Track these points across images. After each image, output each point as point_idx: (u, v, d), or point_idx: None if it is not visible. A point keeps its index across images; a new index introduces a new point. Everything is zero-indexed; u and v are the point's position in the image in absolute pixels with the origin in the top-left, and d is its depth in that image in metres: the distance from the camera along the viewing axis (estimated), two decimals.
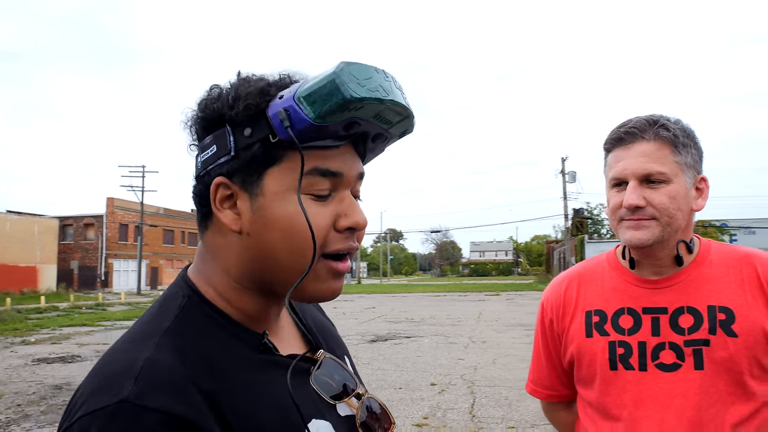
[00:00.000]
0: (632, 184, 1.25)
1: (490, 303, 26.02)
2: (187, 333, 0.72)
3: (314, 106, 0.68)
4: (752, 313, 1.23)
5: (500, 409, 6.54)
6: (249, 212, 0.73)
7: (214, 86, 0.77)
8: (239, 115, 0.72)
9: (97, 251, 47.79)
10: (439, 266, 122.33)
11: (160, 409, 0.62)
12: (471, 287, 46.11)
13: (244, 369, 0.73)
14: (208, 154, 0.75)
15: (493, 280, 75.77)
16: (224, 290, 0.77)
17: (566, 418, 1.54)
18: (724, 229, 40.93)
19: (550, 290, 1.51)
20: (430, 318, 18.56)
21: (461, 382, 8.05)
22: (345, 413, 0.82)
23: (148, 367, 0.65)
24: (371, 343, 12.41)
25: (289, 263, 0.73)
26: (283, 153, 0.72)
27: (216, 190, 0.74)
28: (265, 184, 0.72)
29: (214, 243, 0.78)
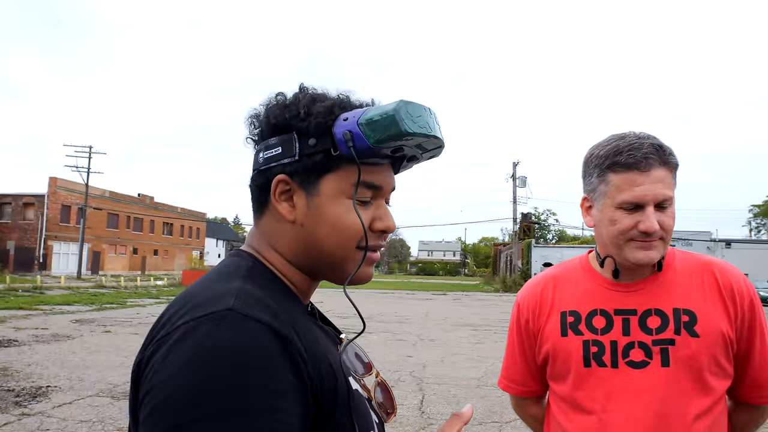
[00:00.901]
0: (651, 210, 1.32)
1: (437, 302, 26.35)
2: (260, 281, 0.85)
3: (375, 133, 0.84)
4: (712, 316, 1.35)
5: (449, 406, 6.67)
6: (304, 207, 0.89)
7: (280, 94, 0.93)
8: (308, 128, 0.87)
9: (37, 232, 46.02)
10: (388, 264, 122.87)
11: (262, 320, 0.74)
12: (418, 286, 46.54)
13: (307, 323, 0.85)
14: (272, 153, 0.90)
15: (441, 279, 76.67)
16: (278, 264, 0.92)
17: (536, 412, 1.64)
18: None
19: (525, 291, 1.60)
20: (379, 315, 18.66)
21: (410, 379, 8.18)
22: (363, 393, 0.93)
23: (245, 291, 0.79)
24: None
25: (332, 252, 0.89)
26: (339, 164, 0.88)
27: (277, 184, 0.89)
28: (321, 187, 0.88)
29: (269, 227, 0.93)
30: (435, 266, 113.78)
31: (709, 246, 46.32)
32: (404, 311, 20.50)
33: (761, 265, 40.74)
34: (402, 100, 0.86)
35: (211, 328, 0.72)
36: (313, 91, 0.92)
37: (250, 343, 0.71)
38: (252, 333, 0.72)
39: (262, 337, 0.73)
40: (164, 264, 64.43)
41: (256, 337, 0.72)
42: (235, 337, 0.71)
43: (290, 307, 0.84)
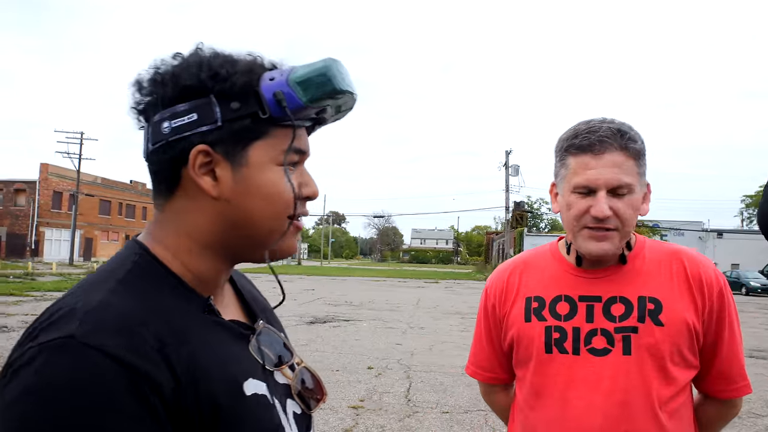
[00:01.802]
0: (602, 194, 1.29)
1: (428, 290, 26.43)
2: (139, 284, 0.77)
3: (307, 92, 0.78)
4: (678, 305, 1.34)
5: (435, 394, 6.71)
6: (230, 180, 0.80)
7: (177, 54, 0.82)
8: (230, 90, 0.78)
9: (28, 218, 45.78)
10: (380, 251, 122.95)
11: (107, 350, 0.65)
12: (410, 274, 46.58)
13: (191, 323, 0.77)
14: (184, 121, 0.78)
15: (433, 267, 76.76)
16: (181, 253, 0.82)
17: (503, 400, 1.62)
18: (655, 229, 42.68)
19: (494, 276, 1.59)
20: (369, 302, 18.73)
21: (398, 367, 8.21)
22: (282, 382, 0.89)
23: (100, 308, 0.70)
24: (310, 325, 12.45)
25: (266, 226, 0.82)
26: (268, 128, 0.81)
27: (196, 156, 0.78)
28: (250, 155, 0.80)
29: (181, 207, 0.82)
30: (428, 254, 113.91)
31: (701, 236, 46.58)
32: (395, 299, 20.55)
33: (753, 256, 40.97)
34: (330, 57, 0.81)
35: (47, 360, 0.64)
36: (220, 52, 0.82)
37: (87, 380, 0.63)
38: (92, 367, 0.64)
39: (104, 372, 0.64)
40: None
41: (96, 372, 0.64)
42: (71, 373, 0.63)
43: (174, 308, 0.77)
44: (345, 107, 0.88)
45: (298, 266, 58.66)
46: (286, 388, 0.89)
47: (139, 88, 0.82)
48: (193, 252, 0.83)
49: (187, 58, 0.81)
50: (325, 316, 14.29)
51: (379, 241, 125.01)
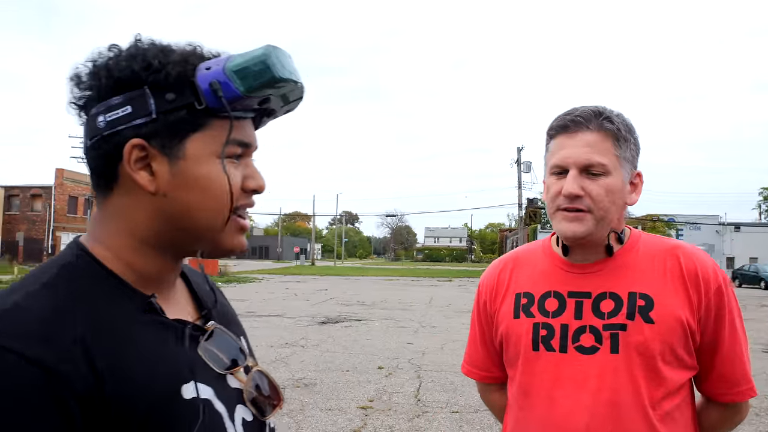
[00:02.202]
0: (573, 173, 1.27)
1: (442, 289, 26.36)
2: (65, 286, 0.74)
3: (245, 81, 0.75)
4: (671, 302, 1.27)
5: (445, 393, 6.66)
6: (167, 174, 0.77)
7: (113, 46, 0.80)
8: (165, 81, 0.76)
9: (45, 223, 46.26)
10: (394, 250, 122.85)
11: (15, 350, 0.63)
12: (424, 272, 46.51)
13: (125, 326, 0.74)
14: (118, 114, 0.76)
15: (447, 266, 76.63)
16: (123, 251, 0.80)
17: (499, 399, 1.56)
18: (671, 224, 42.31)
19: (486, 273, 1.56)
20: (382, 302, 18.69)
21: (408, 366, 8.16)
22: (234, 386, 0.85)
23: (14, 310, 0.68)
24: (321, 325, 12.45)
25: (205, 220, 0.79)
26: (205, 120, 0.78)
27: (131, 150, 0.76)
28: (187, 148, 0.77)
29: (120, 204, 0.80)
30: (441, 253, 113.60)
31: (717, 230, 46.03)
32: (408, 298, 20.50)
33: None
34: (269, 45, 0.78)
35: None
36: (158, 42, 0.80)
37: None
38: (4, 369, 0.62)
39: (14, 374, 0.62)
40: None
41: (7, 374, 0.62)
42: None
43: (105, 310, 0.74)
44: (292, 97, 0.84)
45: (311, 266, 58.85)
46: (237, 393, 0.85)
47: (78, 82, 0.79)
48: (134, 249, 0.80)
49: (123, 50, 0.79)
50: (337, 316, 14.28)
51: (392, 240, 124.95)
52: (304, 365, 8.09)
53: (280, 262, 76.10)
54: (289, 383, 6.99)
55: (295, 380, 7.16)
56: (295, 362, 8.28)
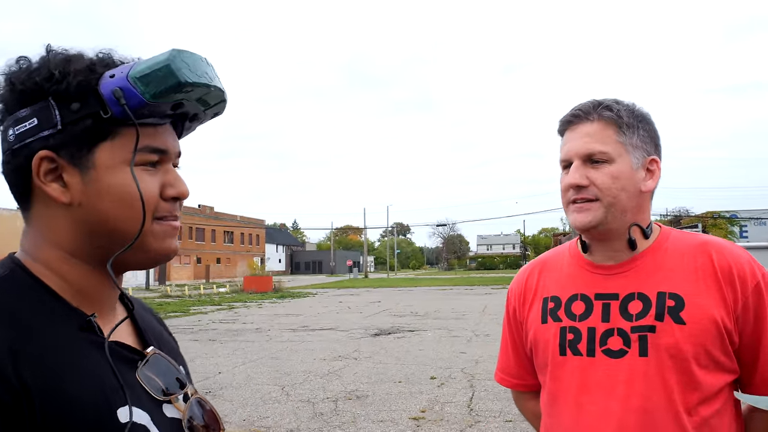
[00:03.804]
0: (575, 164, 1.27)
1: (496, 296, 26.00)
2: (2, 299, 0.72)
3: (149, 87, 0.74)
4: (703, 302, 1.21)
5: (499, 402, 6.55)
6: (80, 184, 0.76)
7: (22, 58, 0.79)
8: (66, 91, 0.75)
9: None
10: (447, 260, 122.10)
11: None
12: (478, 281, 46.08)
13: (60, 343, 0.73)
14: (25, 127, 0.75)
15: (501, 273, 75.67)
16: (55, 263, 0.78)
17: (533, 408, 1.51)
18: (733, 220, 40.61)
19: (515, 279, 1.53)
20: (435, 311, 18.58)
21: (461, 376, 8.07)
22: (172, 415, 0.83)
23: None
24: (374, 337, 12.46)
25: (122, 229, 0.77)
26: (113, 128, 0.76)
27: (40, 163, 0.75)
28: (96, 158, 0.76)
29: (40, 217, 0.79)
30: (495, 260, 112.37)
31: None
32: (461, 307, 20.31)
33: None
34: (174, 48, 0.76)
35: None
36: (64, 52, 0.79)
37: None
38: None
39: None
40: (227, 271, 66.13)
41: None
42: None
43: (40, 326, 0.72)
44: (212, 101, 0.83)
45: (364, 279, 59.08)
46: (175, 423, 0.83)
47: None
48: (64, 261, 0.79)
49: (30, 61, 0.78)
50: (390, 327, 14.27)
51: (444, 249, 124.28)
52: (357, 377, 8.10)
53: (333, 276, 76.71)
54: (341, 395, 7.02)
55: (347, 392, 7.18)
56: (347, 375, 8.31)
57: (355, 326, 14.57)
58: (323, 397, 6.95)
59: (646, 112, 1.32)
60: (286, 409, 6.41)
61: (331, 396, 7.02)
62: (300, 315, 18.13)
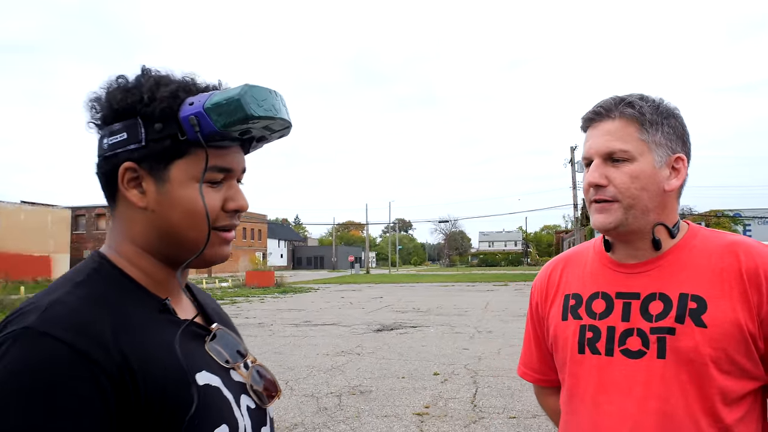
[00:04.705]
0: (595, 163, 1.25)
1: (498, 293, 26.02)
2: (96, 287, 0.86)
3: (221, 118, 0.85)
4: (726, 305, 1.18)
5: (502, 399, 6.56)
6: (155, 193, 0.89)
7: (121, 77, 0.91)
8: (152, 113, 0.87)
9: None
10: (448, 256, 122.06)
11: (58, 337, 0.74)
12: (480, 277, 46.02)
13: (144, 321, 0.86)
14: (117, 139, 0.88)
15: (503, 270, 75.65)
16: (133, 257, 0.92)
17: (554, 403, 1.51)
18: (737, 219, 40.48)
19: (539, 274, 1.53)
20: (437, 308, 18.59)
21: (464, 372, 8.09)
22: (237, 379, 0.97)
23: (53, 306, 0.79)
24: (377, 333, 12.47)
25: (187, 236, 0.91)
26: (188, 149, 0.88)
27: (124, 172, 0.89)
28: (171, 173, 0.89)
29: (122, 217, 0.93)
30: (496, 257, 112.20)
31: None
32: (463, 303, 20.32)
33: None
34: (247, 84, 0.87)
35: (7, 348, 0.74)
36: (156, 74, 0.91)
37: (39, 363, 0.72)
38: (44, 352, 0.73)
39: (55, 356, 0.73)
40: (229, 266, 66.14)
41: (47, 356, 0.73)
42: (25, 358, 0.73)
43: (129, 308, 0.85)
44: (277, 127, 0.94)
45: (366, 275, 59.09)
46: (241, 385, 0.97)
47: (92, 107, 0.92)
48: (141, 256, 0.92)
49: (127, 81, 0.90)
50: (393, 323, 14.28)
51: (446, 246, 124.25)
52: (360, 373, 8.12)
53: (335, 271, 76.76)
54: (345, 390, 7.04)
55: (351, 387, 7.20)
56: (351, 370, 8.33)
57: (358, 322, 14.59)
58: (327, 392, 6.97)
59: (673, 108, 1.28)
60: (291, 404, 6.43)
61: (335, 391, 7.04)
62: (302, 310, 18.17)
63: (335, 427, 5.60)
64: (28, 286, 30.21)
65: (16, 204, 40.80)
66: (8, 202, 40.07)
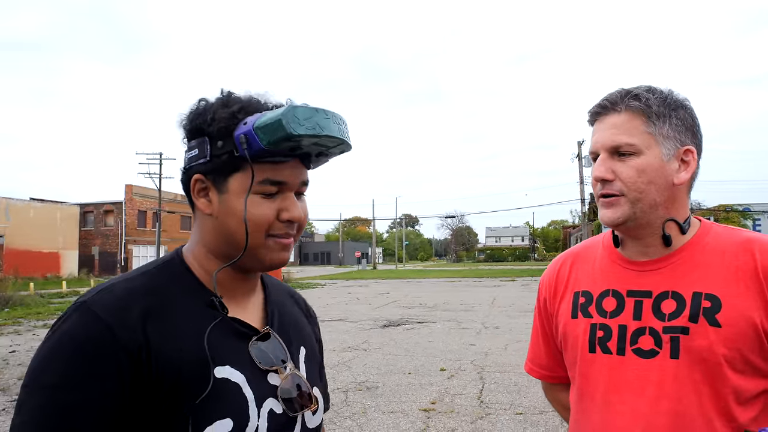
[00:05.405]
0: (601, 157, 1.23)
1: (504, 288, 25.99)
2: (157, 278, 1.00)
3: (266, 136, 0.93)
4: (741, 303, 1.15)
5: (509, 395, 6.55)
6: (217, 202, 1.00)
7: (202, 99, 1.03)
8: (214, 132, 0.97)
9: (117, 237, 48.25)
10: (455, 252, 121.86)
11: (97, 313, 0.90)
12: (486, 273, 45.98)
13: (188, 313, 0.97)
14: (192, 154, 1.01)
15: (509, 265, 75.50)
16: (200, 257, 1.05)
17: (564, 399, 1.49)
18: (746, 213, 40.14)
19: (547, 269, 1.50)
20: (444, 303, 18.59)
21: (471, 368, 8.08)
22: (273, 383, 1.03)
23: (108, 287, 0.95)
24: (383, 328, 12.48)
25: (240, 241, 0.99)
26: (242, 164, 0.98)
27: (195, 183, 1.01)
28: (230, 184, 0.99)
29: (197, 221, 1.06)
30: (503, 252, 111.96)
31: None
32: (470, 299, 20.30)
33: None
34: (291, 105, 0.93)
35: (66, 317, 0.91)
36: (226, 96, 1.01)
37: (81, 333, 0.88)
38: (87, 324, 0.89)
39: (92, 328, 0.88)
40: None
41: (88, 328, 0.88)
42: (73, 327, 0.89)
43: (178, 299, 0.98)
44: (330, 144, 0.99)
45: (373, 270, 59.11)
46: (273, 389, 1.02)
47: (180, 126, 1.04)
48: (209, 258, 1.04)
49: (207, 101, 1.02)
50: (399, 319, 14.29)
51: (453, 241, 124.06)
52: (367, 368, 8.13)
53: (342, 267, 76.79)
54: (351, 386, 7.04)
55: (357, 383, 7.21)
56: (357, 366, 8.34)
57: (365, 317, 14.61)
58: (333, 387, 6.96)
59: (683, 99, 1.25)
60: None
61: (341, 387, 7.05)
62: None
63: (341, 422, 5.60)
64: (37, 282, 30.42)
65: (26, 201, 41.04)
66: (18, 199, 40.31)
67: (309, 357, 1.16)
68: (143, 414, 0.89)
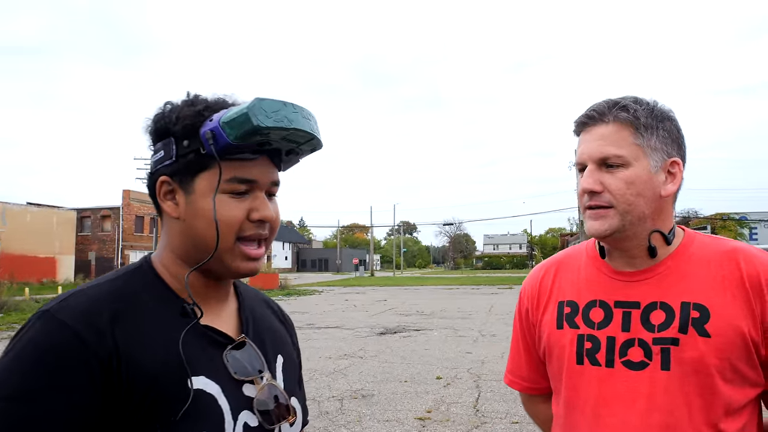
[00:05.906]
0: (589, 168, 1.22)
1: (502, 296, 25.94)
2: (125, 285, 0.96)
3: (233, 131, 0.90)
4: (729, 313, 1.15)
5: (505, 403, 6.51)
6: (184, 204, 0.97)
7: (167, 102, 1.00)
8: (179, 131, 0.95)
9: (114, 243, 48.16)
10: (453, 259, 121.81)
11: (62, 320, 0.86)
12: (484, 280, 45.94)
13: (159, 320, 0.94)
14: (158, 157, 0.98)
15: (507, 273, 75.48)
16: (168, 263, 1.01)
17: (544, 411, 1.46)
18: (743, 222, 40.21)
19: (528, 278, 1.47)
20: (441, 311, 18.53)
21: (467, 376, 8.03)
22: (248, 394, 0.99)
23: (74, 294, 0.92)
24: (380, 336, 12.43)
25: (209, 244, 0.96)
26: (209, 162, 0.94)
27: (161, 185, 0.98)
28: (196, 184, 0.96)
29: (165, 226, 1.02)
30: (501, 260, 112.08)
31: None
32: (467, 306, 20.25)
33: None
34: (257, 97, 0.90)
35: (29, 326, 0.88)
36: (193, 98, 0.99)
37: (44, 342, 0.84)
38: (51, 333, 0.85)
39: (57, 337, 0.84)
40: None
41: (52, 337, 0.84)
42: (36, 336, 0.85)
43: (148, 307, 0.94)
44: (300, 139, 0.96)
45: (371, 278, 59.04)
46: (248, 400, 0.98)
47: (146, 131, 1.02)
48: (177, 264, 1.00)
49: (172, 104, 0.99)
50: (396, 326, 14.24)
51: (451, 248, 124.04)
52: (362, 376, 8.08)
53: (339, 273, 76.71)
54: (347, 394, 6.99)
55: (353, 391, 7.16)
56: (353, 373, 8.29)
57: (361, 325, 14.55)
58: (329, 395, 6.93)
59: (668, 110, 1.25)
60: None
61: (336, 395, 7.00)
62: (306, 313, 18.13)
63: (336, 431, 5.56)
64: (33, 287, 30.30)
65: (22, 206, 40.97)
66: (14, 204, 40.23)
67: (286, 366, 1.12)
68: (114, 426, 0.85)
